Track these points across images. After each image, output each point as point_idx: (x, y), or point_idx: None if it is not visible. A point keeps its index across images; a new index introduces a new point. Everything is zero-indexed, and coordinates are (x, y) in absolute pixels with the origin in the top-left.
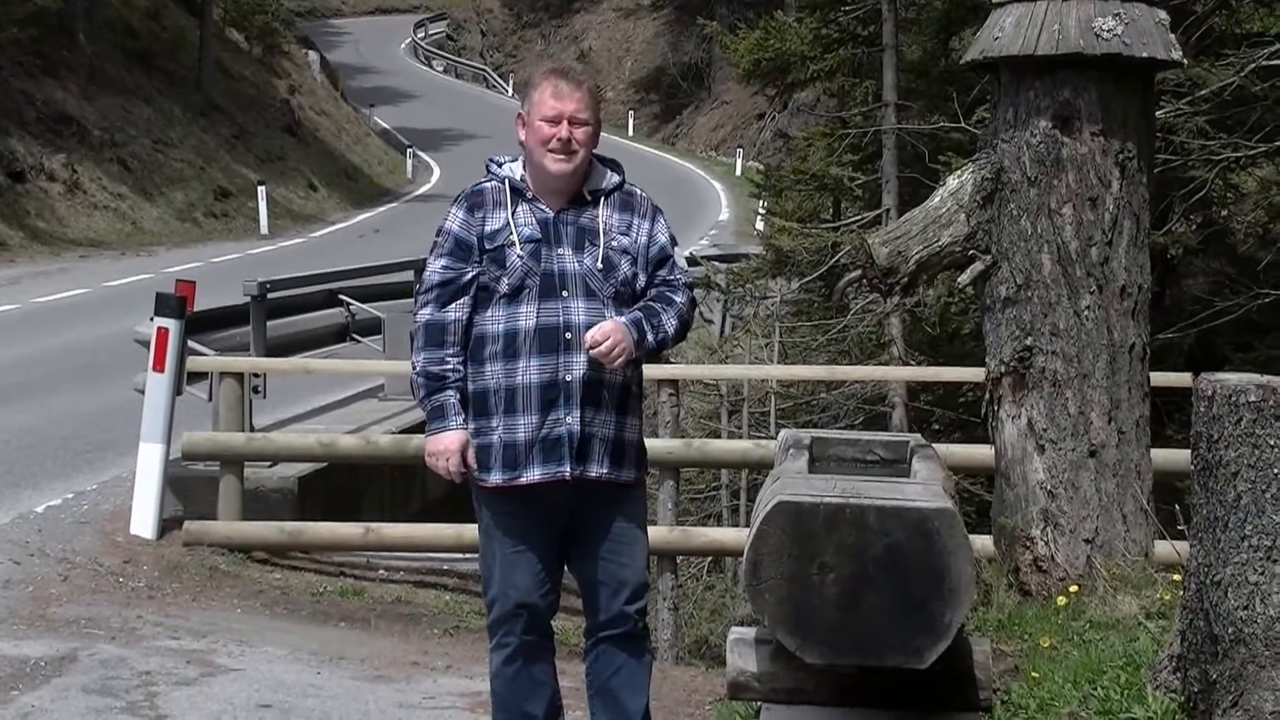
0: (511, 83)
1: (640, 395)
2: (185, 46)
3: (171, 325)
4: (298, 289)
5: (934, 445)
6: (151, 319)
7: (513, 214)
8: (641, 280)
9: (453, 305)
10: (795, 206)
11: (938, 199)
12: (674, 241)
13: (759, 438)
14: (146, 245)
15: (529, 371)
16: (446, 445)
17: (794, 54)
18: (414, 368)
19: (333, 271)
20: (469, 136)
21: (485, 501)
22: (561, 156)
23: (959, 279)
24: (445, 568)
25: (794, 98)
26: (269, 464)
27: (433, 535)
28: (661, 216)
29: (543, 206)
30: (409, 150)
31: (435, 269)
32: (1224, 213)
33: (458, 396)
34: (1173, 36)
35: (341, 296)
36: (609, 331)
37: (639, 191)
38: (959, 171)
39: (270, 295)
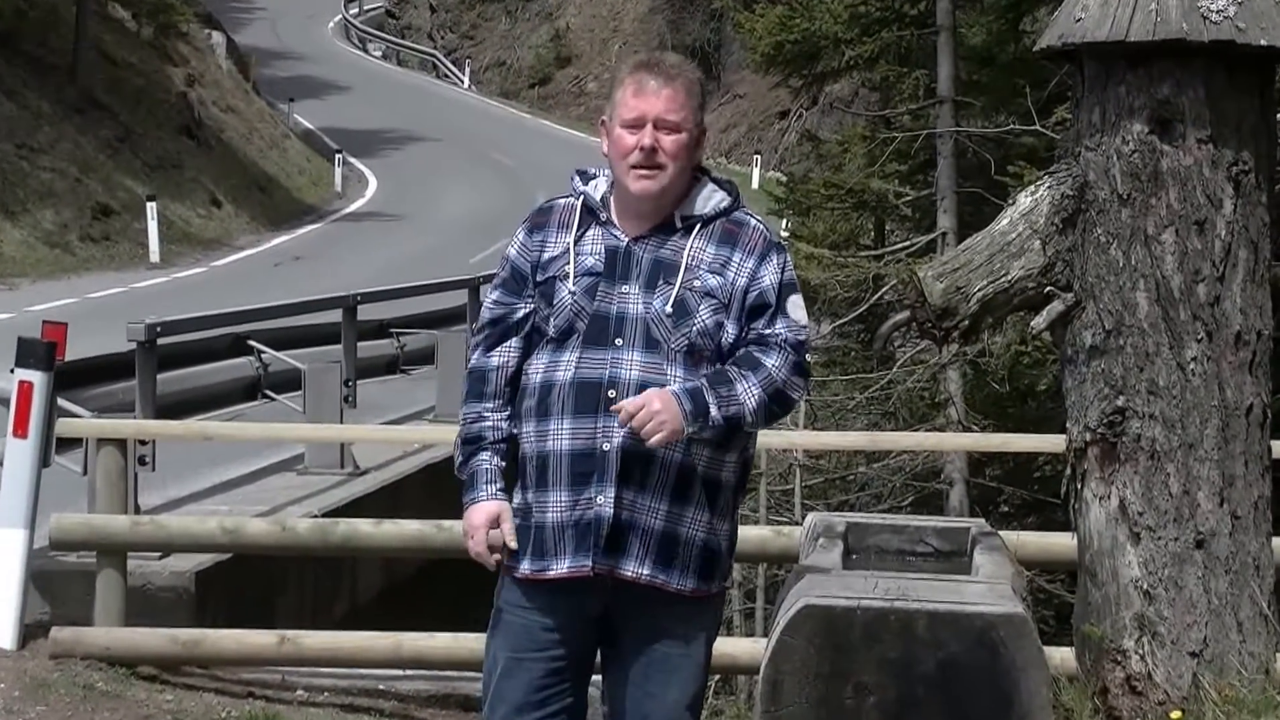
0: (468, 72)
1: (735, 488)
2: (58, 27)
3: (37, 379)
4: (196, 333)
5: (1001, 533)
6: (12, 370)
7: (577, 240)
8: (731, 334)
9: (499, 349)
10: (827, 229)
11: (1006, 221)
12: (791, 288)
13: (780, 523)
14: (7, 276)
15: (560, 436)
16: (471, 523)
17: (826, 36)
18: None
19: (240, 311)
20: (414, 139)
21: (505, 588)
22: (644, 172)
23: (1033, 323)
24: (381, 687)
25: (826, 91)
26: (159, 555)
27: (365, 646)
28: (777, 255)
29: (617, 232)
30: (338, 156)
31: (488, 303)
32: None
33: (495, 460)
34: None
35: (251, 343)
36: (647, 399)
37: (753, 222)
38: (1033, 187)
39: (161, 341)
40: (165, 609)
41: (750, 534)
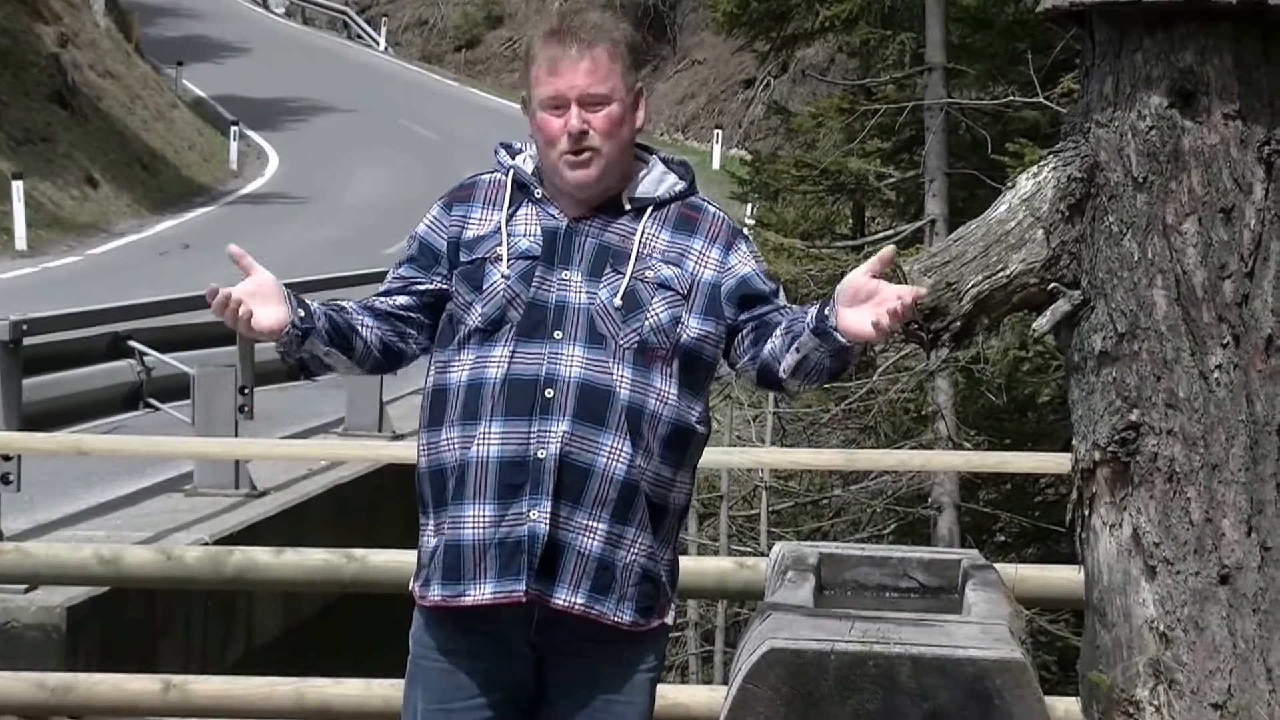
0: (384, 32)
1: (679, 511)
2: None
3: None
4: (69, 331)
5: (997, 566)
6: None
7: (509, 218)
8: (693, 330)
9: (381, 297)
10: (799, 215)
11: (1004, 208)
12: (771, 280)
13: (743, 553)
14: None
15: (488, 441)
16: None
17: None
18: None
19: (120, 307)
20: (322, 109)
21: (419, 627)
22: (576, 158)
23: (1034, 324)
24: None
25: (797, 57)
26: (24, 588)
27: (262, 694)
28: (744, 243)
29: (553, 211)
30: (234, 129)
31: (385, 282)
32: None
33: (319, 305)
34: None
35: (132, 343)
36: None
37: (711, 208)
38: (1035, 168)
39: (28, 340)
40: (31, 650)
41: (709, 566)
